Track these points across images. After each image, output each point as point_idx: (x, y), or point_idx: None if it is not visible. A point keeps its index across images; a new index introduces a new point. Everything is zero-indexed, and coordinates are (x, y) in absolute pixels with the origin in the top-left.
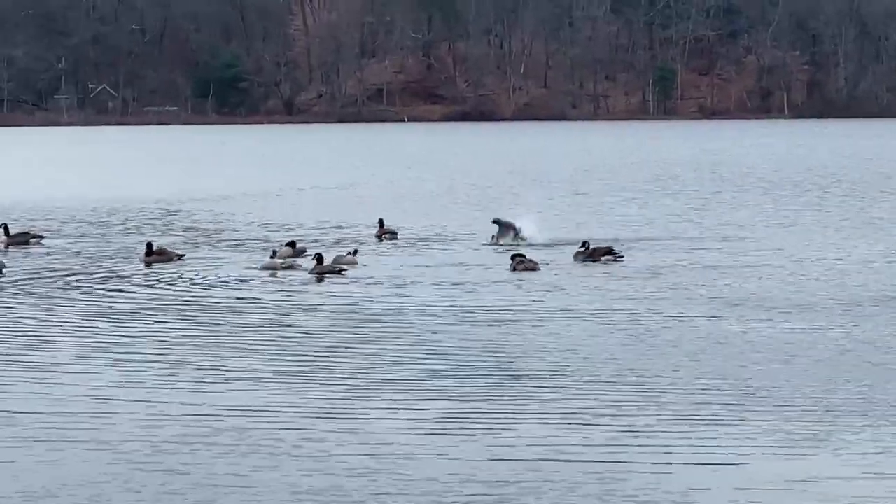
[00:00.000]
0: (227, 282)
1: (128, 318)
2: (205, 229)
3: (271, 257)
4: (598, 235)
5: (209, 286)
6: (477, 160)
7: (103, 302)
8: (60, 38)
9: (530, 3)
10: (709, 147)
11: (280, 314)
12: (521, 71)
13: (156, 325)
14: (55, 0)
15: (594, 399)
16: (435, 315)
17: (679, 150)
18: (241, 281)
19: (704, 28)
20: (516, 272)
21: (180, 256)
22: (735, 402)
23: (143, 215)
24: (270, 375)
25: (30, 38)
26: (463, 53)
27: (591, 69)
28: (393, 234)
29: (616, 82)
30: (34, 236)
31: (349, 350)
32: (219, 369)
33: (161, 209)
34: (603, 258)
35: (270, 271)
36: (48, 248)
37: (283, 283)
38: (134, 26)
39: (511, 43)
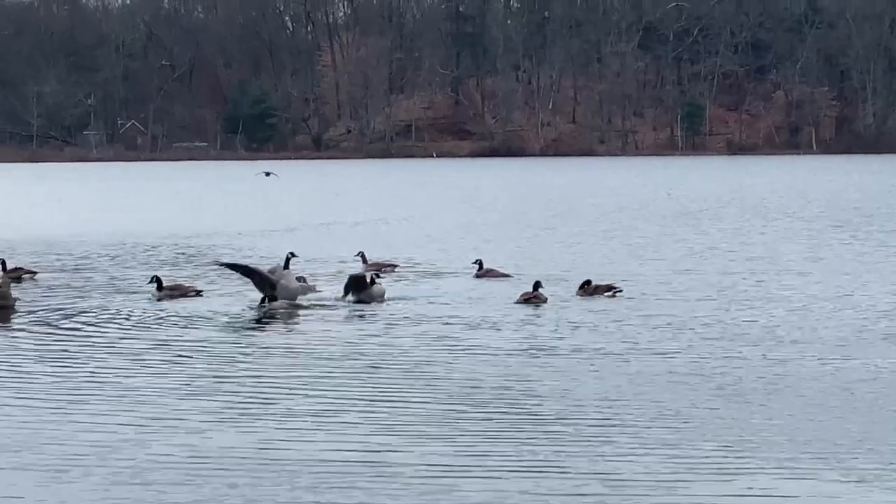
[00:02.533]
0: (240, 316)
1: (132, 355)
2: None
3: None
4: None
5: (223, 322)
6: (503, 195)
7: (109, 338)
8: (90, 74)
9: (558, 38)
10: (739, 182)
11: (280, 348)
12: (550, 106)
13: (161, 363)
14: (84, 36)
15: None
16: (437, 351)
17: (708, 185)
18: (253, 316)
19: (732, 63)
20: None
21: (198, 292)
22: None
23: (162, 250)
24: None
25: (59, 74)
26: (491, 89)
27: (619, 105)
28: (381, 269)
29: (644, 118)
30: (27, 272)
31: (355, 386)
32: (233, 407)
33: (179, 243)
34: (605, 294)
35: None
36: (58, 282)
37: (280, 316)
38: (163, 62)
39: (539, 78)
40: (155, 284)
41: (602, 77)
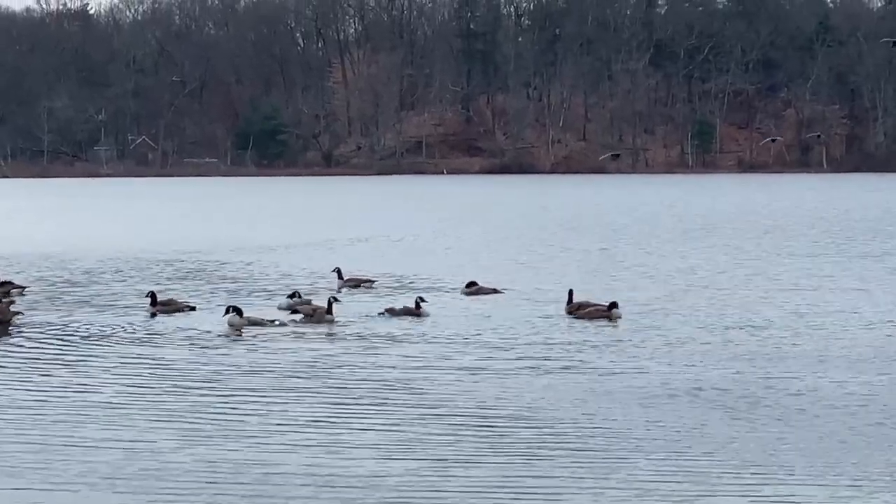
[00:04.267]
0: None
1: (122, 372)
2: (223, 279)
3: (289, 297)
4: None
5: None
6: (511, 212)
7: (96, 353)
8: (100, 90)
9: (569, 56)
10: (750, 200)
11: (261, 365)
12: (560, 124)
13: (149, 379)
14: (96, 52)
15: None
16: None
17: (717, 203)
18: (241, 333)
19: (743, 82)
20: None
21: (191, 308)
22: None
23: (164, 265)
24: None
25: (70, 89)
26: (502, 106)
27: (630, 122)
28: (358, 284)
29: (655, 135)
30: (15, 286)
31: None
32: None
33: (182, 259)
34: (589, 310)
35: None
36: (53, 298)
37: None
38: (174, 78)
39: (550, 96)
40: (149, 299)
41: (613, 94)
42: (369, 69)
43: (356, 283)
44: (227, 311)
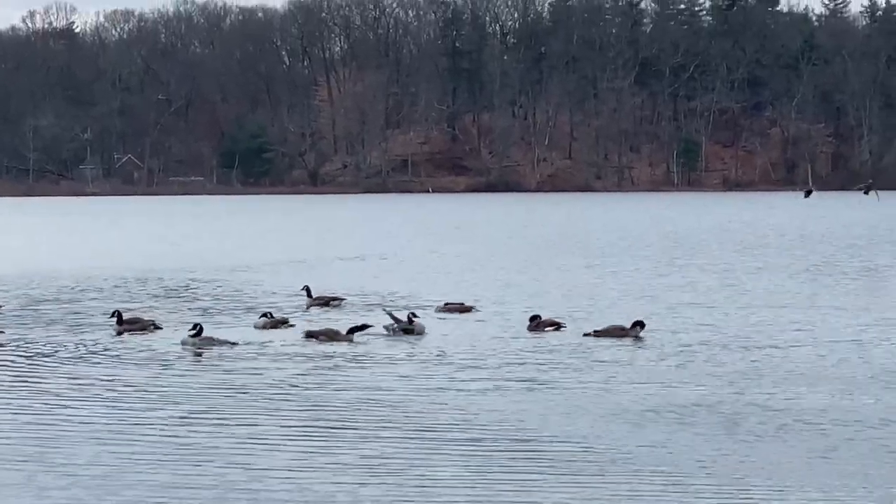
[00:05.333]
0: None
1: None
2: (202, 298)
3: (262, 316)
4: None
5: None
6: (495, 230)
7: (58, 371)
8: (86, 108)
9: (555, 74)
10: (735, 218)
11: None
12: (546, 142)
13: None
14: (81, 70)
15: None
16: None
17: (702, 221)
18: (203, 353)
19: (729, 100)
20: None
21: (155, 325)
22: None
23: (146, 284)
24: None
25: (56, 108)
26: (488, 125)
27: (615, 140)
28: (327, 303)
29: (640, 154)
30: None
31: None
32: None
33: (166, 278)
34: (547, 329)
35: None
36: (26, 316)
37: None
38: (160, 96)
39: (536, 114)
40: (115, 318)
41: (598, 113)
42: (355, 87)
43: (325, 302)
44: (193, 328)
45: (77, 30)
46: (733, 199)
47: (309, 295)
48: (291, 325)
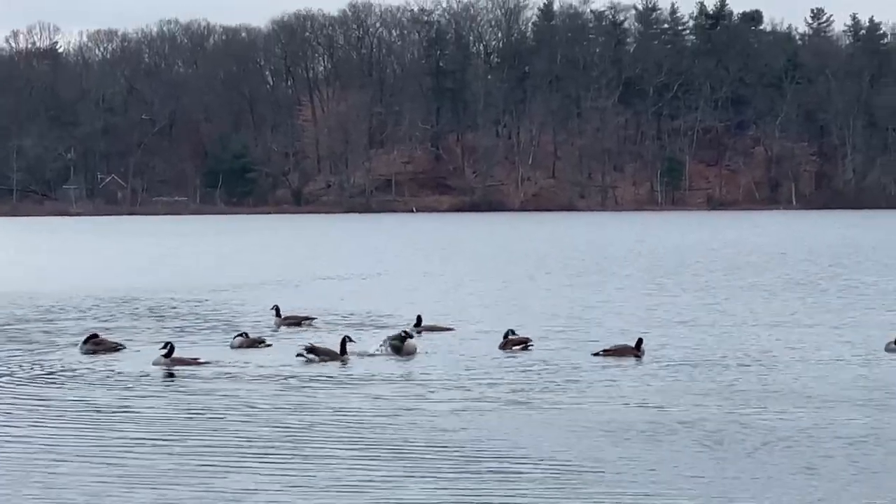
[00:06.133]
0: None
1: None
2: (178, 318)
3: (237, 336)
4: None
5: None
6: (477, 250)
7: (18, 393)
8: (70, 129)
9: (538, 94)
10: (718, 237)
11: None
12: (530, 161)
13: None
14: (65, 90)
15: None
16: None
17: (685, 240)
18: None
19: (712, 119)
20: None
21: (118, 347)
22: None
23: (124, 304)
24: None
25: (40, 128)
26: (471, 144)
27: (599, 160)
28: (298, 322)
29: (624, 173)
30: None
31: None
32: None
33: (144, 298)
34: (514, 348)
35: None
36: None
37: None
38: (143, 116)
39: (519, 133)
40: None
41: (582, 132)
42: (339, 107)
43: (296, 322)
44: (164, 347)
45: (60, 50)
46: (717, 218)
47: (278, 314)
48: (268, 345)
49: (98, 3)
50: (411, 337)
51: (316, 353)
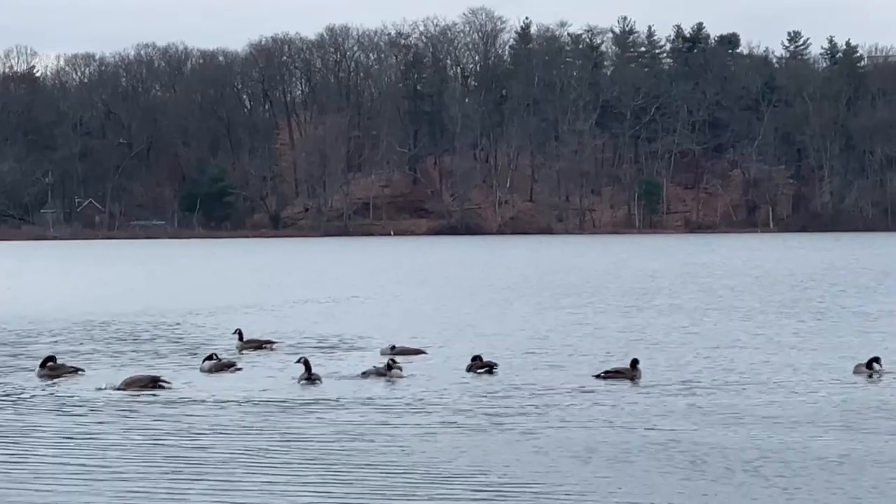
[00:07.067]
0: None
1: None
2: (149, 341)
3: (206, 359)
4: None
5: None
6: (452, 273)
7: None
8: (47, 152)
9: (516, 117)
10: (695, 260)
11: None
12: (507, 185)
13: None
14: (42, 114)
15: None
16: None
17: (660, 263)
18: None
19: (690, 142)
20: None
21: (77, 371)
22: None
23: (95, 328)
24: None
25: (17, 152)
26: (449, 167)
27: (576, 183)
28: (260, 346)
29: (602, 196)
30: None
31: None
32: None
33: (115, 322)
34: (479, 371)
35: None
36: None
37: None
38: (121, 140)
39: (497, 157)
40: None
41: (559, 155)
42: (316, 131)
43: (258, 345)
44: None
45: (38, 74)
46: (694, 241)
47: (240, 338)
48: (239, 369)
49: (75, 27)
50: (399, 367)
51: (310, 376)
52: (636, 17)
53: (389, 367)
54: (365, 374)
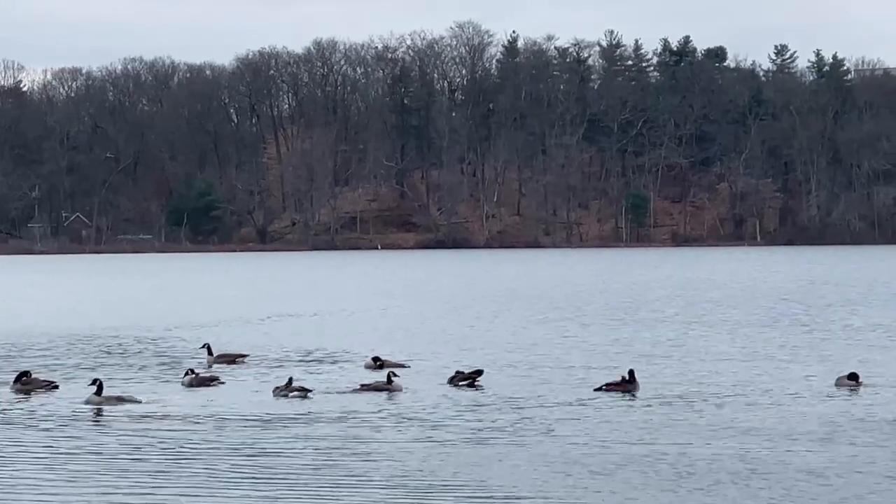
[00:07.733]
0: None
1: None
2: (129, 356)
3: (186, 374)
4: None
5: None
6: (445, 287)
7: None
8: (34, 167)
9: (503, 131)
10: (682, 273)
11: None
12: (495, 198)
13: None
14: (29, 129)
15: None
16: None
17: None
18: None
19: (677, 155)
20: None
21: (52, 385)
22: None
23: (74, 343)
24: None
25: (4, 166)
26: (436, 181)
27: (564, 196)
28: (232, 360)
29: (589, 209)
30: None
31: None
32: None
33: (96, 336)
34: (461, 384)
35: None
36: None
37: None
38: (108, 155)
39: (484, 170)
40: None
41: (547, 169)
42: (303, 145)
43: (230, 360)
44: (94, 385)
45: (24, 88)
46: (681, 255)
47: (210, 353)
48: (222, 383)
49: (62, 41)
50: (397, 376)
51: (290, 389)
52: (623, 30)
53: (390, 380)
54: (365, 387)
